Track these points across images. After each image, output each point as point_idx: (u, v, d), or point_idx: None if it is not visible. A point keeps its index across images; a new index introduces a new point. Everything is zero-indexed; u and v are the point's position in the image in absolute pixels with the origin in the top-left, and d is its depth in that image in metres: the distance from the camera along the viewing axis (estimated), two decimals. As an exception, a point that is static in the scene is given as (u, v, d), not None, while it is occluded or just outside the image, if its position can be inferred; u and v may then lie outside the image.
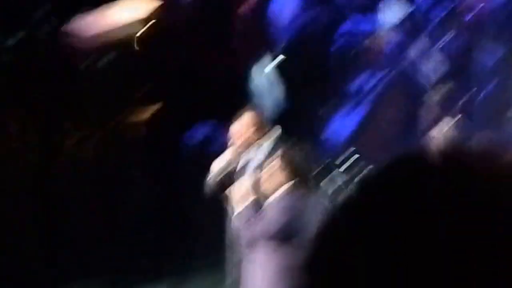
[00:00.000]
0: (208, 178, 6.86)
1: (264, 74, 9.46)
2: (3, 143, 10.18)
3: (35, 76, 10.21)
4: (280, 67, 9.47)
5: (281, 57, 9.49)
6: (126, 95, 10.75)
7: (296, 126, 8.73)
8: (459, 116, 8.30)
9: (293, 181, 6.03)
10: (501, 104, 8.75)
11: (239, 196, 6.28)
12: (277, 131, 6.78)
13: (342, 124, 9.33)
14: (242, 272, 6.63)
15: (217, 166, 6.79)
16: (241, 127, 6.69)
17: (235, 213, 6.31)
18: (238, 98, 8.75)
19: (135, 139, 10.49)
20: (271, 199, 6.15)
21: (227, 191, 6.64)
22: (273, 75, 9.43)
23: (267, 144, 6.71)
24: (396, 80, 8.96)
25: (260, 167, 6.57)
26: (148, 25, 10.24)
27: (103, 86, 10.37)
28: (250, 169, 6.69)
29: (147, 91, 10.66)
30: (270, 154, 6.44)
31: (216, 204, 6.97)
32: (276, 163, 6.09)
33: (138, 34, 10.24)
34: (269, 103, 9.27)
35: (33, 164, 10.26)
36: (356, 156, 8.93)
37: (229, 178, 6.75)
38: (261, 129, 6.74)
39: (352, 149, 9.02)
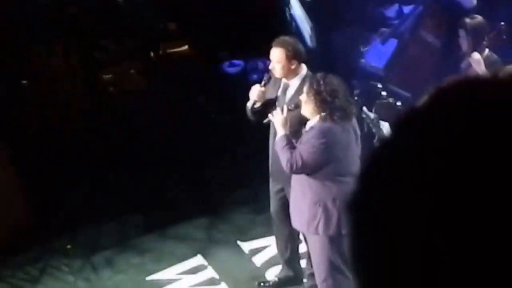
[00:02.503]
0: (247, 104, 6.95)
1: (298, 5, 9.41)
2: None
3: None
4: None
5: None
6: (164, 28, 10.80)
7: (327, 58, 8.73)
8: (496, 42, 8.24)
9: (323, 113, 6.11)
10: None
11: (278, 123, 6.37)
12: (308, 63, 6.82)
13: (376, 54, 9.30)
14: (283, 199, 6.79)
15: (255, 92, 6.87)
16: (279, 54, 6.73)
17: (276, 139, 6.41)
18: (277, 24, 8.71)
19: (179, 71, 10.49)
20: (304, 130, 6.26)
21: (269, 117, 6.71)
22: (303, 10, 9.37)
23: (300, 75, 6.78)
24: (432, 7, 8.89)
25: (293, 98, 6.66)
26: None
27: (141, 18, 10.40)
28: (287, 98, 6.76)
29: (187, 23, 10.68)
30: (302, 85, 6.51)
31: (256, 131, 7.02)
32: (306, 95, 6.16)
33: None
34: (305, 32, 9.27)
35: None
36: (391, 87, 8.90)
37: (268, 104, 6.84)
38: (298, 57, 6.78)
39: (386, 80, 8.99)
